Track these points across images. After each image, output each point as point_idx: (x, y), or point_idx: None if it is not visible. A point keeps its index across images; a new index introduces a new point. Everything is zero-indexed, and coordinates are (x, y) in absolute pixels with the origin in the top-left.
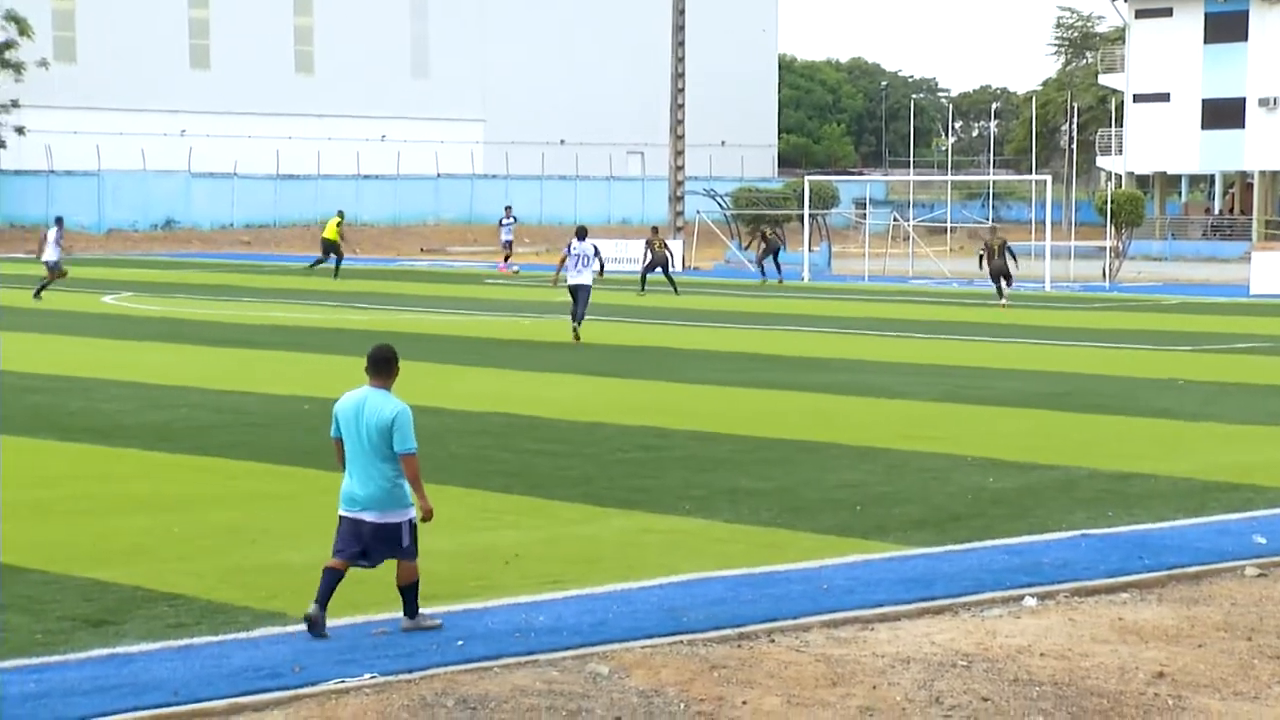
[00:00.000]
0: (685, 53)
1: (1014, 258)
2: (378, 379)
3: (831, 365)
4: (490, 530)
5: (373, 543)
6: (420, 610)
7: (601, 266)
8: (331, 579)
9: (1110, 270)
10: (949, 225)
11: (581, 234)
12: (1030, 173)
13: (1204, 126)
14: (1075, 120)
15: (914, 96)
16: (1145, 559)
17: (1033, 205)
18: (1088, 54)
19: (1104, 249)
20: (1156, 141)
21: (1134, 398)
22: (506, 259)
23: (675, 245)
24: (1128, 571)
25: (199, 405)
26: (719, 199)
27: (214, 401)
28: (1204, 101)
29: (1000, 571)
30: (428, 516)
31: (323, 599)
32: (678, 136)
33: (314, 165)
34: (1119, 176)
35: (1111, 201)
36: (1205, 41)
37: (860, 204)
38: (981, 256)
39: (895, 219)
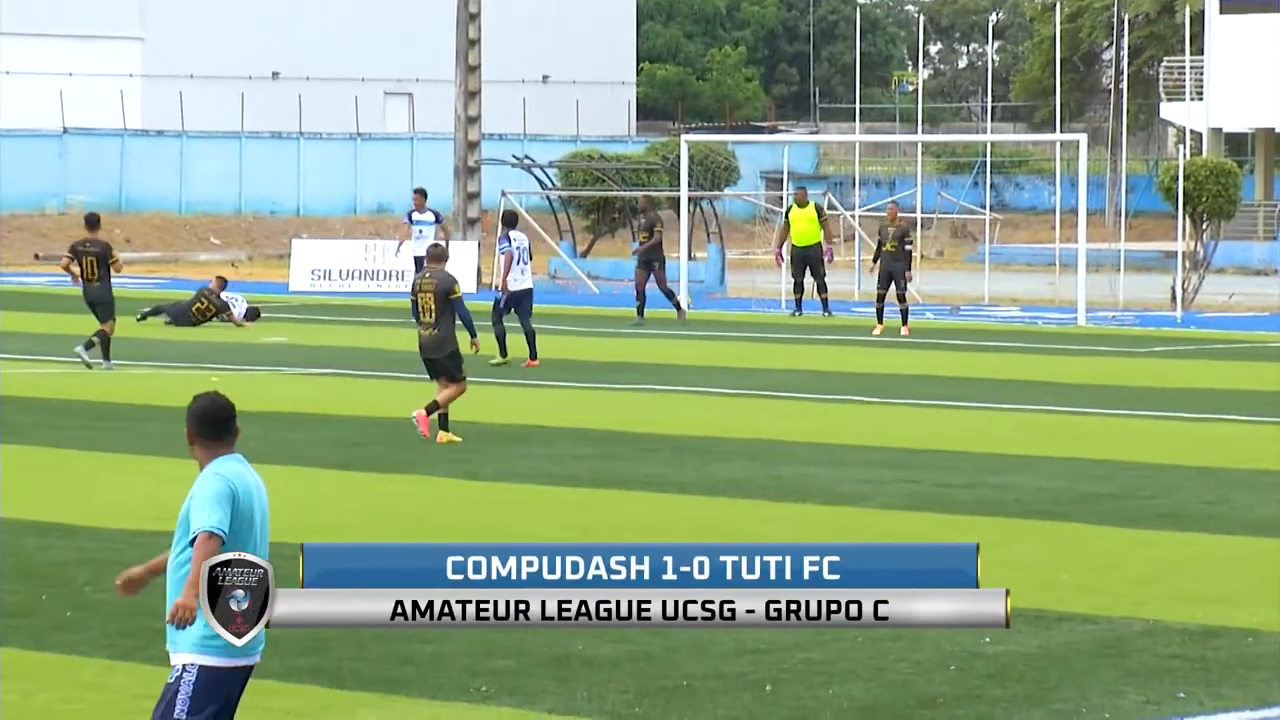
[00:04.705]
0: None
1: (909, 263)
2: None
3: (730, 449)
4: None
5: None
6: None
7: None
8: None
9: (1184, 291)
10: (920, 215)
11: (511, 220)
12: (1053, 129)
13: None
14: (1125, 41)
15: (862, 1)
16: None
17: (1057, 183)
18: None
19: (1174, 255)
20: (1259, 79)
21: (1224, 501)
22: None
23: (468, 248)
24: None
25: None
26: (539, 172)
27: None
28: None
29: None
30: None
31: None
32: (470, 67)
33: None
34: (1198, 136)
35: (1186, 178)
36: None
37: (774, 179)
38: (878, 251)
39: (831, 206)
